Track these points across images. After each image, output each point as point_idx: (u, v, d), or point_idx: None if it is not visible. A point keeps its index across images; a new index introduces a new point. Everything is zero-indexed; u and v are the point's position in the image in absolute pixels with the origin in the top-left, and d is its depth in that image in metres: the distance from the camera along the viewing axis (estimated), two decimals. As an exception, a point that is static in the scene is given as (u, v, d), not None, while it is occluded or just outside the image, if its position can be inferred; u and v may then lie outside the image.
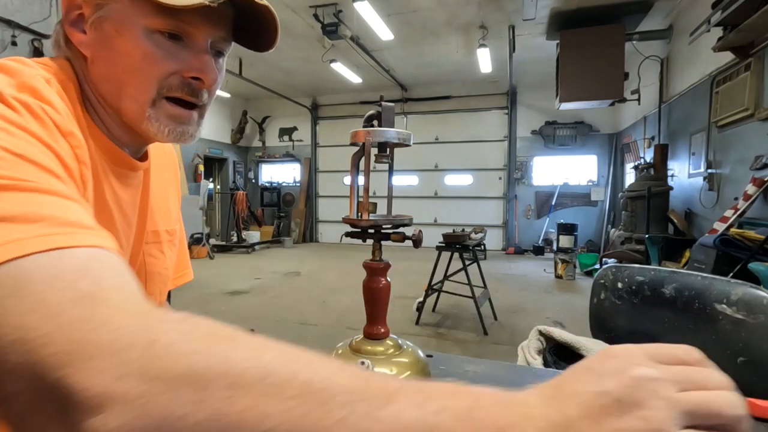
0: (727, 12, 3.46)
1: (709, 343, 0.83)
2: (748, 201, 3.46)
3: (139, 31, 0.47)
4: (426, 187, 9.72)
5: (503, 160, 9.15)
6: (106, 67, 0.49)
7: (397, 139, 0.54)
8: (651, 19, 5.78)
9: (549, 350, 0.90)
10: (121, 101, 0.49)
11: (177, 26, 0.48)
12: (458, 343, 3.19)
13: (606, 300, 1.05)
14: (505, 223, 9.11)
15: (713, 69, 4.39)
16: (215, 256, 7.63)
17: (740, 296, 0.80)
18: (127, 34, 0.47)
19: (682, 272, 0.93)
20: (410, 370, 0.51)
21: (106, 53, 0.48)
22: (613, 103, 6.22)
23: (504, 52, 6.83)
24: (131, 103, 0.49)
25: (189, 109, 0.53)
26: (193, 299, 4.47)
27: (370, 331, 0.55)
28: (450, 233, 3.62)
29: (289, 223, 10.39)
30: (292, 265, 6.76)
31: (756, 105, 3.65)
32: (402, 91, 9.39)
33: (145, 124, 0.50)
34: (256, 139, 11.00)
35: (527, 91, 8.87)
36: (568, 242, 5.93)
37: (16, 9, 2.42)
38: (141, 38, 0.47)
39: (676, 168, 5.45)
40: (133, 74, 0.48)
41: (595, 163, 8.64)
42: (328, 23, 5.73)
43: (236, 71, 7.79)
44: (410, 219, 0.56)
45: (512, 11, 5.68)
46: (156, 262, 0.62)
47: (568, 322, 3.69)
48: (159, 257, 0.63)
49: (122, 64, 0.48)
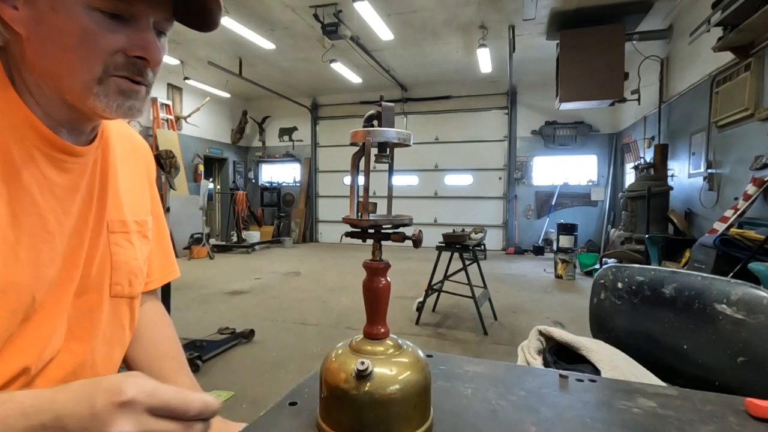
0: (727, 12, 3.46)
1: (709, 343, 0.83)
2: (748, 201, 3.46)
3: (78, 8, 0.45)
4: (426, 187, 9.72)
5: (503, 160, 9.15)
6: (43, 45, 0.47)
7: (397, 139, 0.54)
8: (651, 19, 5.78)
9: (549, 350, 0.90)
10: (62, 80, 0.48)
11: (118, 5, 0.46)
12: (458, 343, 3.19)
13: (606, 300, 1.05)
14: (505, 223, 9.11)
15: (713, 69, 4.39)
16: (215, 256, 7.63)
17: (740, 296, 0.79)
18: (63, 11, 0.45)
19: (682, 272, 0.93)
20: (410, 370, 0.51)
21: (42, 30, 0.46)
22: (613, 103, 6.22)
23: (504, 52, 6.83)
24: (73, 82, 0.48)
25: (137, 85, 0.52)
26: (193, 299, 4.47)
27: (370, 331, 0.55)
28: (450, 233, 3.62)
29: (289, 223, 10.39)
30: (292, 265, 6.76)
31: (756, 105, 3.65)
32: (402, 91, 9.39)
33: (91, 101, 0.49)
34: (256, 139, 11.00)
35: (527, 91, 8.87)
36: (568, 242, 5.93)
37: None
38: (80, 15, 0.45)
39: (676, 168, 5.46)
40: (74, 52, 0.47)
41: (595, 163, 8.64)
42: (328, 23, 5.73)
43: (236, 71, 7.80)
44: (410, 219, 0.56)
45: (512, 11, 5.68)
46: (123, 251, 0.62)
47: (568, 322, 3.69)
48: (126, 247, 0.63)
49: (61, 42, 0.46)
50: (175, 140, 8.23)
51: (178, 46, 7.05)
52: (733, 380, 0.79)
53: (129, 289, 0.63)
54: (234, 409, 2.15)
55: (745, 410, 0.58)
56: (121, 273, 0.62)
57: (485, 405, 0.60)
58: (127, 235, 0.63)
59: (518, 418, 0.56)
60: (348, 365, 0.50)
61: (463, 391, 0.65)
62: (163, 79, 8.28)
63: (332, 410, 0.51)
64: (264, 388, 2.41)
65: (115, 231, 0.61)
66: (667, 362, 0.90)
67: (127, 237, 0.63)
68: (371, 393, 0.48)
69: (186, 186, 8.28)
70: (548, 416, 0.57)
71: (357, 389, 0.48)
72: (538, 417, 0.57)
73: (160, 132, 7.96)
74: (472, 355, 2.90)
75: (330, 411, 0.51)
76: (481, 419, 0.56)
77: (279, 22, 6.07)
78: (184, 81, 8.40)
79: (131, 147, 0.69)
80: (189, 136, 8.98)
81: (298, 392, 0.64)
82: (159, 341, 0.74)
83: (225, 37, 6.49)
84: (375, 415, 0.49)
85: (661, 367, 0.88)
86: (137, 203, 0.67)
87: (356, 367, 0.49)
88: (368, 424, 0.49)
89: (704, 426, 0.54)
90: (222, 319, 3.68)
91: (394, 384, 0.49)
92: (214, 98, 9.44)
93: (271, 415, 0.57)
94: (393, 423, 0.49)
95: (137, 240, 0.65)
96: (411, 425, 0.50)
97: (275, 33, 6.45)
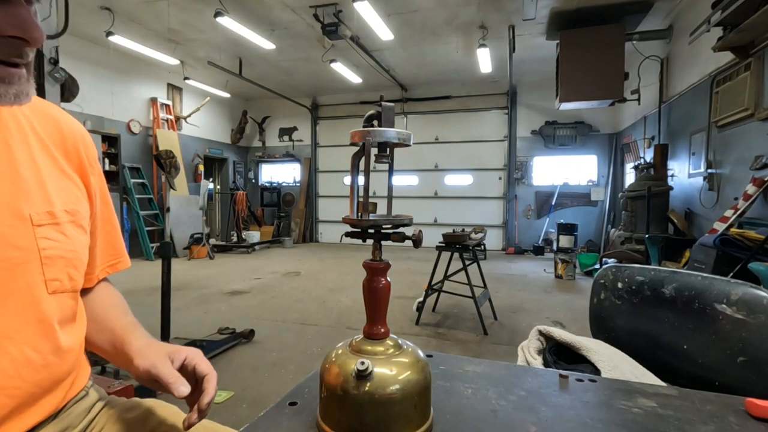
0: (727, 12, 3.46)
1: (709, 343, 0.83)
2: (748, 201, 3.46)
3: None
4: (426, 187, 9.72)
5: (503, 160, 9.15)
6: None
7: (397, 139, 0.54)
8: (651, 19, 5.78)
9: (549, 350, 0.90)
10: None
11: None
12: (458, 343, 3.19)
13: (606, 300, 1.05)
14: (505, 223, 9.11)
15: (713, 69, 4.39)
16: (215, 256, 7.63)
17: (740, 296, 0.80)
18: None
19: (682, 272, 0.93)
20: (410, 370, 0.51)
21: None
22: (613, 103, 6.22)
23: (504, 52, 6.83)
24: None
25: (14, 68, 0.47)
26: (192, 299, 4.47)
27: (370, 331, 0.55)
28: (450, 233, 3.62)
29: (289, 223, 10.39)
30: (292, 265, 6.76)
31: (756, 105, 3.65)
32: (402, 91, 9.39)
33: None
34: (256, 139, 11.00)
35: (527, 91, 8.87)
36: (568, 242, 5.93)
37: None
38: None
39: (676, 168, 5.45)
40: None
41: (595, 163, 8.64)
42: (328, 23, 5.73)
43: (236, 71, 7.80)
44: (410, 219, 0.56)
45: (512, 11, 5.68)
46: (56, 245, 0.57)
47: (568, 322, 3.69)
48: (60, 239, 0.58)
49: None
50: (175, 140, 8.23)
51: (178, 46, 7.05)
52: (733, 380, 0.79)
53: (71, 283, 0.59)
54: (234, 409, 2.15)
55: (745, 410, 0.58)
56: (57, 268, 0.57)
57: (485, 405, 0.60)
58: (58, 227, 0.58)
59: (518, 418, 0.56)
60: (348, 365, 0.50)
61: (463, 391, 0.65)
62: (163, 79, 8.29)
63: (332, 410, 0.51)
64: (264, 388, 2.41)
65: (43, 224, 0.56)
66: (667, 362, 0.90)
67: (58, 228, 0.58)
68: (371, 393, 0.48)
69: (186, 186, 8.28)
70: (548, 416, 0.57)
71: (357, 389, 0.48)
72: (538, 417, 0.57)
73: (160, 132, 7.97)
74: (472, 355, 2.90)
75: (330, 411, 0.51)
76: (481, 419, 0.56)
77: (279, 22, 6.07)
78: (184, 81, 8.40)
79: (55, 130, 0.63)
80: (189, 136, 8.98)
81: (298, 392, 0.64)
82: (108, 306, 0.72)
83: (225, 37, 6.49)
84: (375, 415, 0.49)
85: (661, 367, 0.88)
86: (66, 191, 0.61)
87: (356, 367, 0.49)
88: (368, 424, 0.49)
89: (704, 426, 0.54)
90: (222, 319, 3.68)
91: (394, 384, 0.49)
92: (214, 98, 9.44)
93: (271, 415, 0.57)
94: (393, 423, 0.49)
95: (71, 230, 0.60)
96: (411, 425, 0.50)
97: (275, 33, 6.45)
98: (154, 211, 7.70)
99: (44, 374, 0.55)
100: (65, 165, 0.63)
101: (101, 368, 2.14)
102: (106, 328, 0.68)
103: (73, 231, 0.60)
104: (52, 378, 0.57)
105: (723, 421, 0.56)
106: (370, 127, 0.54)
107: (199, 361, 0.60)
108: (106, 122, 7.11)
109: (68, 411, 0.62)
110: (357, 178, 0.57)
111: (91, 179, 0.67)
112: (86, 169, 0.66)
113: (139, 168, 7.65)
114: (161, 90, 8.29)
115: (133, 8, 5.70)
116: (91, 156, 0.68)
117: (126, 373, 1.98)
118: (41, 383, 0.55)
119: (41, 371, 0.55)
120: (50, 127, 0.62)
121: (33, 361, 0.54)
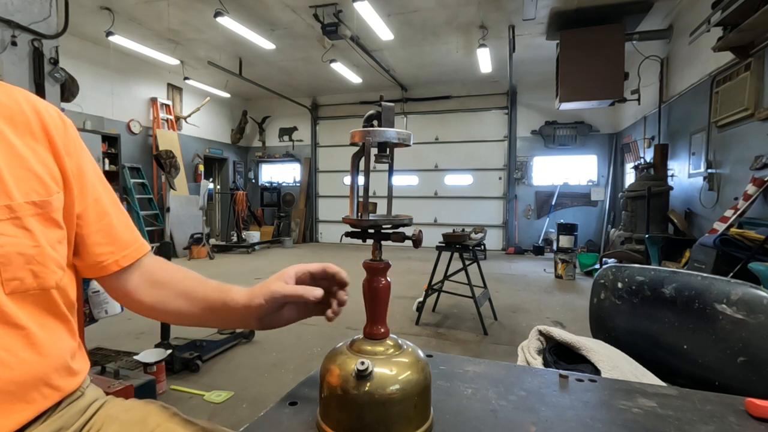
0: (727, 12, 3.47)
1: (709, 343, 0.83)
2: (748, 201, 3.46)
3: None
4: (426, 187, 9.73)
5: (503, 160, 9.15)
6: None
7: (397, 139, 0.54)
8: (651, 19, 5.78)
9: (549, 350, 0.90)
10: None
11: None
12: (458, 343, 3.19)
13: (606, 300, 1.05)
14: (505, 223, 9.11)
15: (713, 69, 4.39)
16: (215, 256, 7.63)
17: (740, 296, 0.80)
18: None
19: (682, 272, 0.93)
20: (410, 370, 0.51)
21: None
22: (613, 103, 6.22)
23: (504, 52, 6.83)
24: None
25: None
26: (193, 299, 4.47)
27: (370, 331, 0.55)
28: (450, 233, 3.62)
29: (289, 223, 10.39)
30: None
31: (756, 105, 3.65)
32: (402, 91, 9.39)
33: None
34: (256, 139, 11.00)
35: (527, 91, 8.87)
36: (568, 242, 5.93)
37: (16, 9, 2.41)
38: None
39: (676, 168, 5.46)
40: None
41: (595, 163, 8.64)
42: (328, 23, 5.73)
43: (236, 71, 7.80)
44: (410, 219, 0.56)
45: (512, 11, 5.68)
46: (14, 241, 0.53)
47: (568, 322, 3.69)
48: (18, 235, 0.53)
49: None
50: (175, 140, 8.23)
51: (178, 46, 7.05)
52: (733, 380, 0.79)
53: (37, 281, 0.55)
54: (234, 409, 2.15)
55: (745, 410, 0.58)
56: (16, 267, 0.53)
57: (485, 405, 0.60)
58: (18, 221, 0.54)
59: (518, 418, 0.56)
60: (348, 365, 0.50)
61: (463, 391, 0.65)
62: (163, 79, 8.29)
63: (332, 410, 0.51)
64: (264, 388, 2.41)
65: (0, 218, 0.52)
66: (667, 362, 0.90)
67: (18, 223, 0.54)
68: (371, 393, 0.48)
69: (186, 186, 8.28)
70: (548, 416, 0.57)
71: (357, 389, 0.48)
72: (538, 417, 0.57)
73: (160, 132, 7.97)
74: (472, 355, 2.90)
75: (330, 411, 0.51)
76: (481, 419, 0.56)
77: (279, 22, 6.07)
78: (184, 81, 8.40)
79: (18, 113, 0.58)
80: (189, 136, 8.98)
81: (298, 392, 0.64)
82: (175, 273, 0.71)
83: (225, 37, 6.49)
84: (375, 415, 0.49)
85: (661, 367, 0.88)
86: (32, 180, 0.56)
87: (356, 367, 0.49)
88: (368, 424, 0.49)
89: (704, 426, 0.54)
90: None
91: (394, 384, 0.49)
92: (214, 98, 9.44)
93: (271, 415, 0.57)
94: (393, 423, 0.49)
95: (36, 224, 0.55)
96: (411, 425, 0.50)
97: (275, 33, 6.45)
98: (154, 211, 7.70)
99: (21, 371, 0.53)
100: (34, 150, 0.58)
101: (101, 368, 2.14)
102: (188, 295, 0.68)
103: (38, 225, 0.56)
104: (34, 375, 0.55)
105: (723, 421, 0.56)
106: (370, 127, 0.54)
107: (311, 268, 0.64)
108: (106, 122, 7.11)
109: (62, 411, 0.61)
110: (357, 178, 0.57)
111: (67, 164, 0.61)
112: (60, 154, 0.61)
113: (139, 168, 7.65)
114: (161, 90, 8.29)
115: (133, 8, 5.70)
116: (71, 137, 0.63)
117: (126, 374, 1.98)
118: (19, 380, 0.54)
119: (17, 369, 0.53)
120: (8, 112, 0.57)
121: (4, 359, 0.52)
